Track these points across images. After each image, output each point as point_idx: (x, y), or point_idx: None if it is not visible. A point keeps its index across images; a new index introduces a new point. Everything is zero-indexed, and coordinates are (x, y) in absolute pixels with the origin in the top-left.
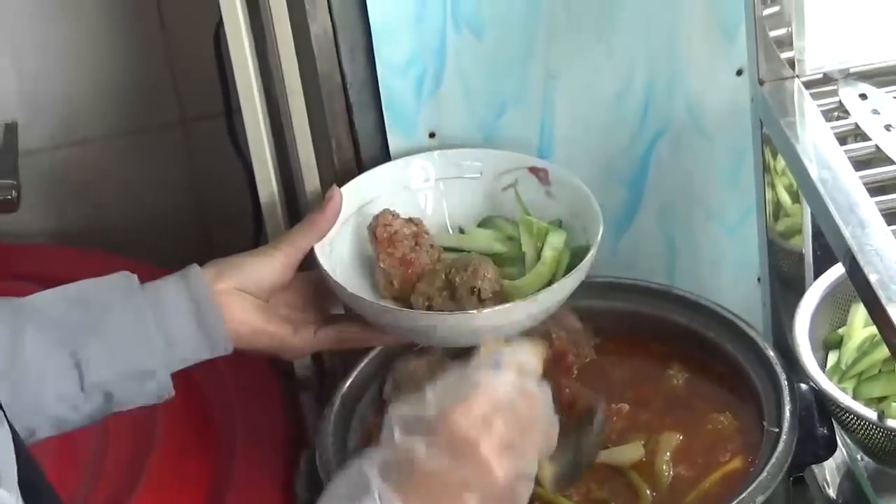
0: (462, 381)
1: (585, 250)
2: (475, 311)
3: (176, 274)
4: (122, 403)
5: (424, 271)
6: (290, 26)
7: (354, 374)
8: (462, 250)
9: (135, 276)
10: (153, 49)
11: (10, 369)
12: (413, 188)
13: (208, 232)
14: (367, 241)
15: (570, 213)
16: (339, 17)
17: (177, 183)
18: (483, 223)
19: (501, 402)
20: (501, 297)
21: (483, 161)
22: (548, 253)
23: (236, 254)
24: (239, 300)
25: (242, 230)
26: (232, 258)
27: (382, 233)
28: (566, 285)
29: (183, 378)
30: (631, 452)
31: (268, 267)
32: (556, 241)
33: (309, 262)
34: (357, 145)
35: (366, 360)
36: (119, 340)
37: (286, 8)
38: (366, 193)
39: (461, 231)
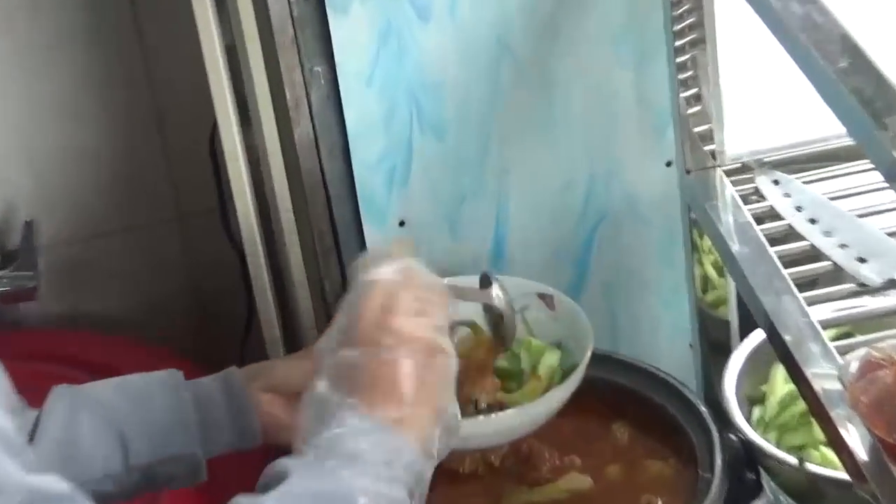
0: (352, 291)
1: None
2: (469, 419)
3: (216, 374)
4: (159, 484)
5: None
6: (276, 129)
7: None
8: None
9: (180, 373)
10: (152, 151)
11: (66, 445)
12: None
13: (204, 316)
14: None
15: (569, 334)
16: (319, 121)
17: (177, 271)
18: None
19: (391, 284)
20: (499, 407)
21: None
22: (542, 370)
23: (271, 359)
24: (269, 398)
25: (235, 314)
26: (265, 362)
27: None
28: (553, 398)
29: None
30: (579, 482)
31: (296, 370)
32: (550, 360)
33: None
34: (336, 233)
35: None
36: (161, 427)
37: (273, 112)
38: None
39: None
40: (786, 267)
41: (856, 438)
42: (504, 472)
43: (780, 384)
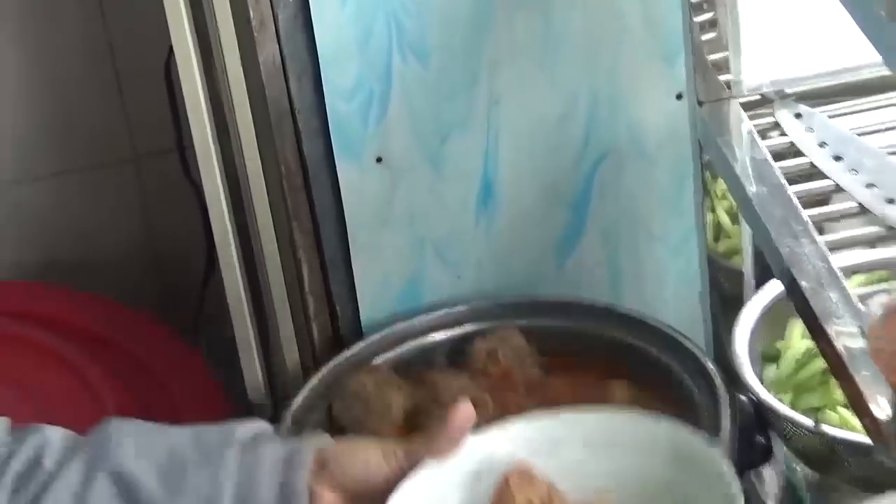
0: None
1: None
2: None
3: (281, 452)
4: None
5: None
6: (239, 54)
7: (304, 394)
8: None
9: (233, 446)
10: (104, 84)
11: None
12: None
13: (160, 264)
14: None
15: None
16: (287, 44)
17: (130, 217)
18: None
19: None
20: None
21: None
22: None
23: (353, 439)
24: (331, 498)
25: (194, 260)
26: (345, 448)
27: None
28: None
29: (137, 405)
30: None
31: (376, 471)
32: None
33: None
34: (306, 171)
35: (315, 381)
36: None
37: (235, 35)
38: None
39: None
40: (806, 208)
41: (879, 399)
42: None
43: (798, 340)
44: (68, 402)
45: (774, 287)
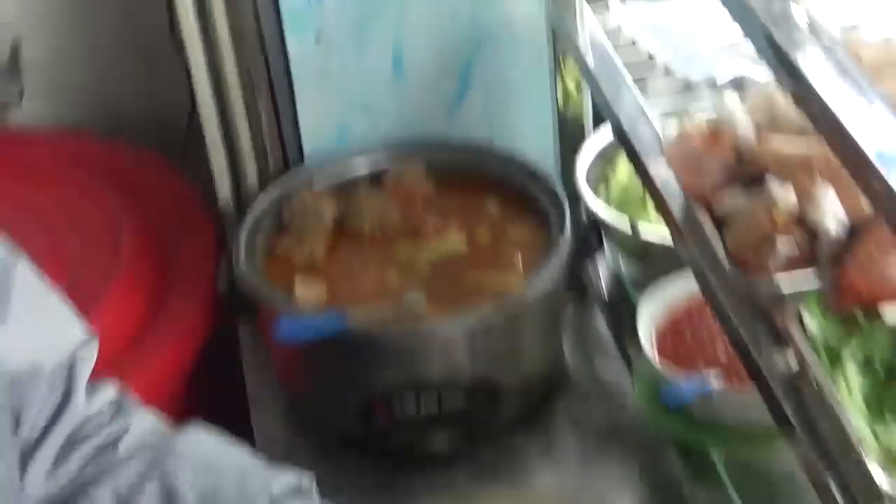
0: None
1: None
2: None
3: None
4: None
5: None
6: None
7: (261, 205)
8: None
9: (274, 492)
10: None
11: None
12: None
13: (158, 112)
14: None
15: None
16: None
17: (140, 82)
18: None
19: None
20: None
21: None
22: None
23: None
24: None
25: (182, 108)
26: None
27: None
28: None
29: (142, 218)
30: (456, 240)
31: None
32: None
33: None
34: (265, 46)
35: (269, 195)
36: None
37: None
38: None
39: None
40: (629, 70)
41: (676, 208)
42: (397, 233)
43: (623, 171)
44: (91, 222)
45: (606, 132)
